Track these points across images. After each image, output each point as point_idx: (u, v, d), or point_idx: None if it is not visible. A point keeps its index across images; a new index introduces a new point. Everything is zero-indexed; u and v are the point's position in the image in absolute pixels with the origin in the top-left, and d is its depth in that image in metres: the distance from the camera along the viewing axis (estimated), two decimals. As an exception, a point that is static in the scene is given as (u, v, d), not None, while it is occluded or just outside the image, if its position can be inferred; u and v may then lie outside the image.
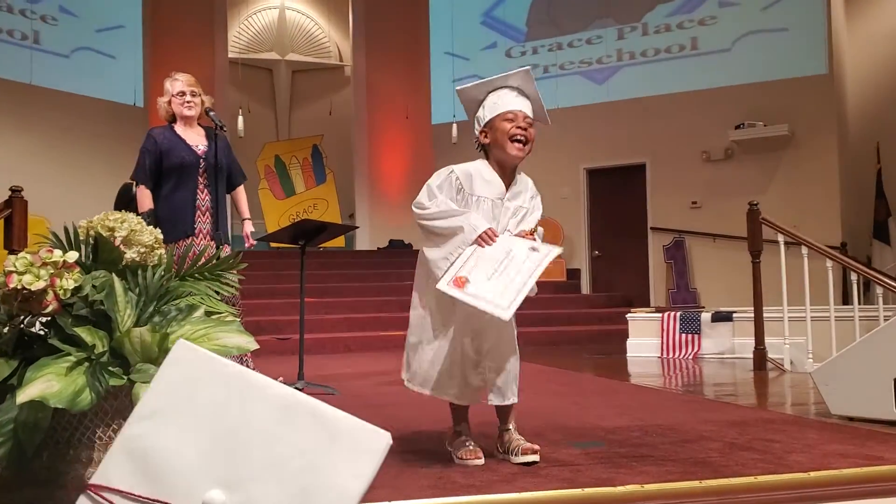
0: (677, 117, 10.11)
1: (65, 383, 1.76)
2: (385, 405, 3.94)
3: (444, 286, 2.32)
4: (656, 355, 6.69)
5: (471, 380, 2.49)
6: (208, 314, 2.11)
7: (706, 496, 2.12)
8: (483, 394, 2.52)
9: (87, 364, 1.85)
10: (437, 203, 2.48)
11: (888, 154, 9.65)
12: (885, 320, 4.60)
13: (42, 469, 1.90)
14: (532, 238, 2.47)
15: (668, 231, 10.25)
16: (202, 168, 4.11)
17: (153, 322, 2.02)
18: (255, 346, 2.02)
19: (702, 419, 3.28)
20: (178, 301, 2.13)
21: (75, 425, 1.92)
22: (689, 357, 6.54)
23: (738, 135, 9.67)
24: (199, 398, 1.48)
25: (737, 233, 7.95)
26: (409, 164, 12.66)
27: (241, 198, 4.41)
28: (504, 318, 2.26)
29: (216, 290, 2.28)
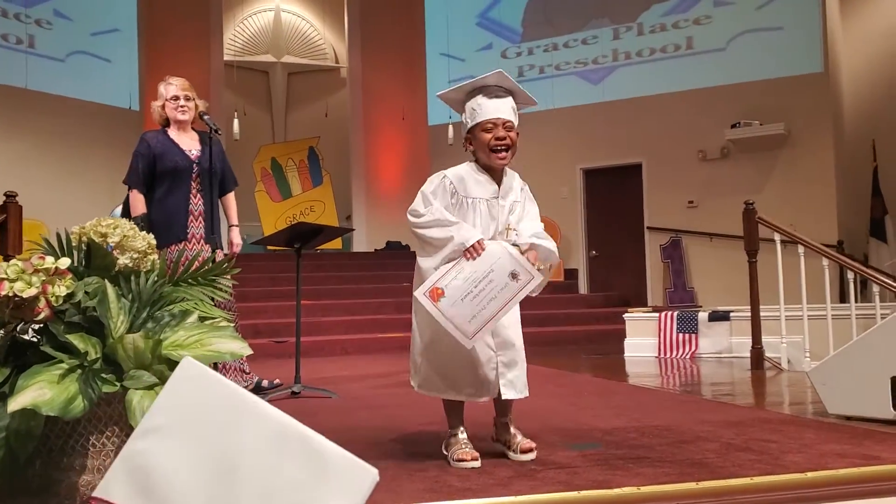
0: (673, 117, 10.12)
1: (57, 391, 1.75)
2: (384, 406, 3.94)
3: (420, 295, 2.40)
4: (653, 355, 6.68)
5: (486, 375, 2.50)
6: (202, 319, 2.11)
7: (703, 498, 2.11)
8: (495, 388, 2.52)
9: (79, 371, 1.84)
10: (432, 211, 2.50)
11: (884, 152, 9.67)
12: (881, 318, 4.61)
13: (35, 477, 1.89)
14: (532, 251, 2.49)
15: (664, 230, 10.25)
16: (195, 173, 4.11)
17: (146, 328, 2.01)
18: (248, 351, 2.01)
19: (699, 419, 3.27)
20: (171, 306, 2.13)
21: (69, 433, 1.91)
22: (687, 356, 6.54)
23: (735, 134, 9.67)
24: (202, 418, 1.50)
25: (733, 232, 7.97)
26: (406, 165, 12.66)
27: (230, 204, 4.40)
28: (466, 346, 2.36)
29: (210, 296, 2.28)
